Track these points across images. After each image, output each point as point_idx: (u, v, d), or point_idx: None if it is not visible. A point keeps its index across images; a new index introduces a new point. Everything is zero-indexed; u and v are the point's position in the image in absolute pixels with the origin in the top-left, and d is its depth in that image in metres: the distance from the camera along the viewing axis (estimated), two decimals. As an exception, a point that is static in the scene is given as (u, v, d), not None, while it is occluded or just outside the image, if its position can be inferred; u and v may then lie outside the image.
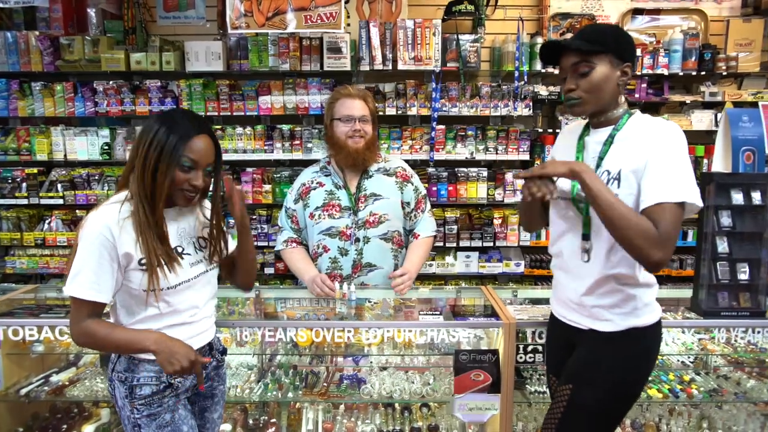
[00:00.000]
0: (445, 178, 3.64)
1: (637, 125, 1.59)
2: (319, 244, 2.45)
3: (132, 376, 1.59)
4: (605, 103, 1.59)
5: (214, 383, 1.80)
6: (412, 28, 3.46)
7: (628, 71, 1.57)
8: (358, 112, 2.38)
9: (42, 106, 3.60)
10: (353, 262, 2.42)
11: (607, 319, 1.64)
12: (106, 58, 3.48)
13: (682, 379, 2.45)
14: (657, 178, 1.48)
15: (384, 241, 2.44)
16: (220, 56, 3.51)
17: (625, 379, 1.64)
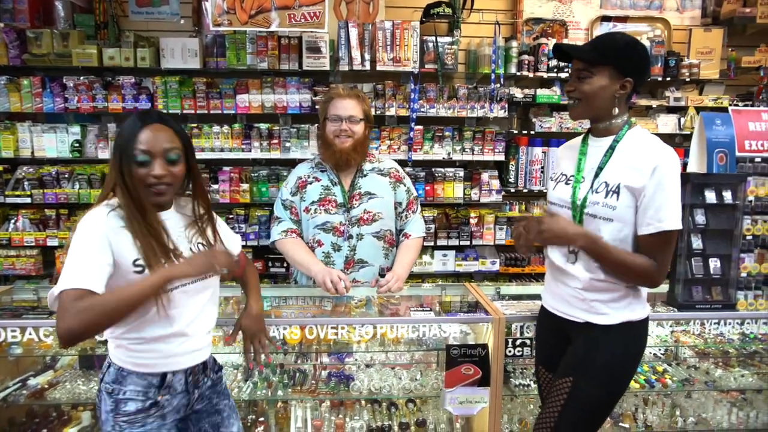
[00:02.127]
0: (422, 177, 3.69)
1: (638, 141, 1.67)
2: (314, 238, 2.46)
3: (119, 388, 1.53)
4: (599, 111, 1.68)
5: (214, 399, 1.75)
6: (391, 29, 3.50)
7: (627, 86, 1.64)
8: (346, 113, 2.40)
9: (7, 101, 3.47)
10: (345, 258, 2.44)
11: (604, 312, 1.71)
12: (78, 53, 3.39)
13: (656, 370, 2.57)
14: (658, 208, 1.59)
15: (377, 239, 2.47)
16: (196, 53, 3.46)
17: (620, 369, 1.72)
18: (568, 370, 1.77)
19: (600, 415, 1.78)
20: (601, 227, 1.66)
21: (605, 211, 1.65)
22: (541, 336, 2.00)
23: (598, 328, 1.72)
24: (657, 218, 1.60)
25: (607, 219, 1.65)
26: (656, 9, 4.01)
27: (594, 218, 1.67)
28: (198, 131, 3.55)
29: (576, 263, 1.73)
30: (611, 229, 1.65)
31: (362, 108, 2.44)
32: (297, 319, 2.17)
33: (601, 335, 1.72)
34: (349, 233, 2.44)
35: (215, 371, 1.75)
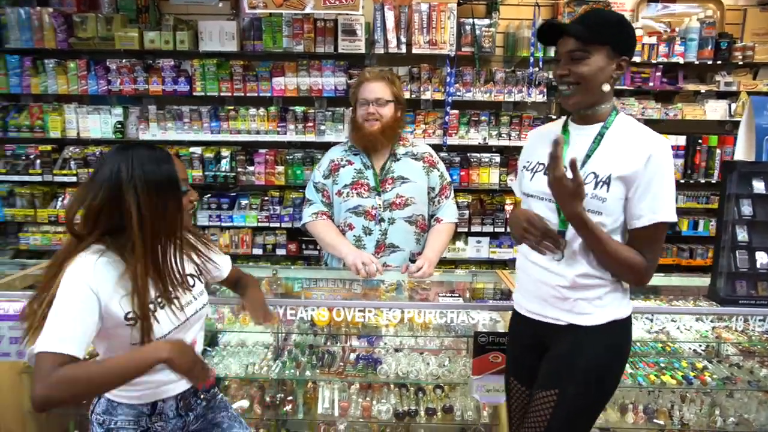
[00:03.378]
0: (457, 163, 3.64)
1: (627, 129, 1.56)
2: (345, 221, 2.46)
3: (110, 419, 1.49)
4: (596, 94, 1.55)
5: (210, 415, 1.70)
6: (428, 11, 3.44)
7: (623, 65, 1.54)
8: (372, 95, 2.38)
9: (55, 84, 3.58)
10: (377, 242, 2.44)
11: (588, 312, 1.59)
12: (120, 36, 3.46)
13: (695, 367, 2.48)
14: (653, 199, 1.49)
15: (408, 224, 2.46)
16: (233, 36, 3.49)
17: (608, 371, 1.62)
18: (552, 380, 1.63)
19: (590, 421, 1.67)
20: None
21: (594, 204, 1.52)
22: (514, 345, 1.84)
23: (582, 330, 1.59)
24: (652, 209, 1.49)
25: (596, 212, 1.53)
26: (709, -12, 3.80)
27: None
28: (235, 113, 3.59)
29: (561, 260, 1.59)
30: (600, 222, 1.53)
31: (391, 90, 2.41)
32: (325, 300, 2.19)
33: (586, 338, 1.59)
34: (381, 217, 2.43)
35: (207, 391, 1.69)
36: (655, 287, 2.51)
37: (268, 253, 3.73)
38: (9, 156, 3.68)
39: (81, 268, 1.35)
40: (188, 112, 3.59)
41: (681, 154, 3.66)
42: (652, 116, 3.62)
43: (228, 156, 3.63)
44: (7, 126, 3.65)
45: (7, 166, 3.66)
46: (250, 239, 3.71)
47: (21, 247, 3.72)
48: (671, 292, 2.44)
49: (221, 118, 3.60)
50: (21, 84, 3.60)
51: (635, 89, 3.65)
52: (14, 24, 3.53)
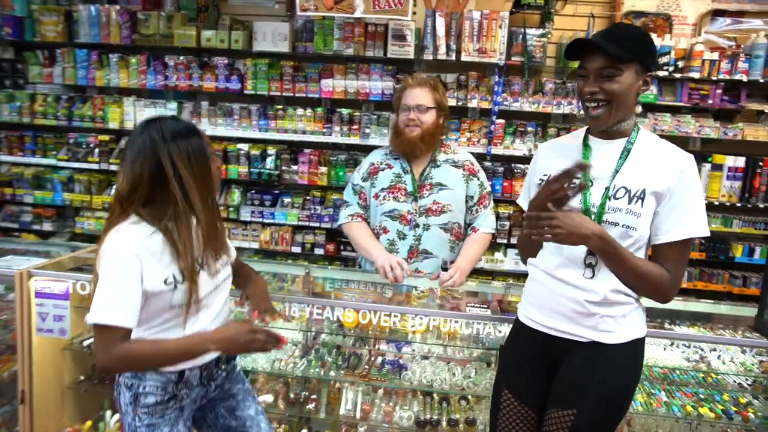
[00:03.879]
0: (500, 173, 3.59)
1: (653, 144, 1.55)
2: (380, 225, 2.48)
3: (138, 383, 1.57)
4: (624, 110, 1.52)
5: (226, 386, 1.79)
6: (479, 19, 3.41)
7: (649, 81, 1.52)
8: (414, 101, 2.40)
9: (117, 77, 3.76)
10: (410, 247, 2.44)
11: (611, 330, 1.56)
12: (179, 34, 3.60)
13: (738, 402, 2.34)
14: (683, 214, 1.47)
15: (444, 231, 2.46)
16: (286, 37, 3.56)
17: (625, 391, 1.60)
18: (570, 399, 1.58)
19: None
20: (621, 236, 1.51)
21: (628, 219, 1.50)
22: (515, 357, 1.78)
23: (603, 348, 1.55)
24: (682, 224, 1.46)
25: (631, 227, 1.50)
26: (781, 3, 3.60)
27: (615, 226, 1.51)
28: (282, 113, 3.67)
29: (594, 277, 1.55)
30: (633, 237, 1.51)
31: (434, 96, 2.41)
32: (351, 302, 2.20)
33: (605, 356, 1.55)
34: (416, 222, 2.43)
35: (228, 362, 1.78)
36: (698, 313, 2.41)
37: (306, 252, 3.78)
38: (71, 144, 3.89)
39: (121, 237, 1.46)
40: (238, 110, 3.70)
41: (739, 176, 3.48)
42: (709, 135, 3.45)
43: (273, 154, 3.71)
44: (72, 115, 3.86)
45: (68, 154, 3.87)
46: (290, 237, 3.78)
47: (77, 231, 3.93)
48: (716, 320, 2.34)
49: (269, 116, 3.68)
50: (87, 76, 3.80)
51: (692, 106, 3.49)
52: (84, 20, 3.73)
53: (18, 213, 4.02)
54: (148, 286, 1.47)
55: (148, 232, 1.48)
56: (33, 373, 2.25)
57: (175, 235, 1.50)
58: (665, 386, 2.40)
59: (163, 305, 1.52)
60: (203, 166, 1.54)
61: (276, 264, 3.04)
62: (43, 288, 2.20)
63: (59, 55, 3.83)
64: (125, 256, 1.44)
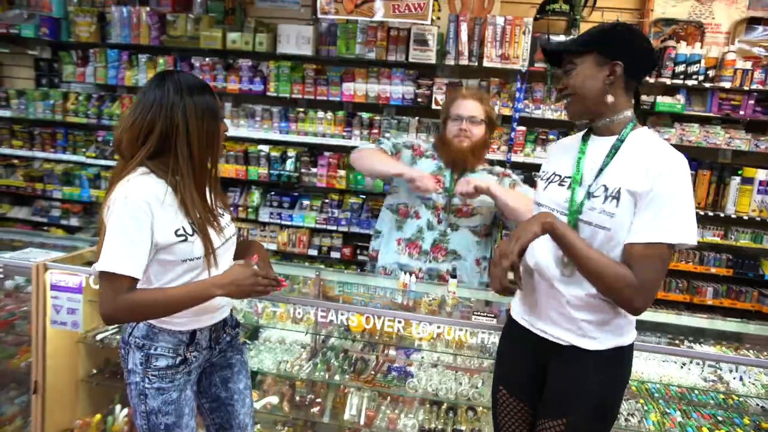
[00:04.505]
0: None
1: (643, 142, 1.48)
2: (413, 207, 2.47)
3: (150, 344, 1.57)
4: (593, 105, 1.50)
5: (228, 353, 1.79)
6: (502, 25, 3.37)
7: (617, 69, 1.45)
8: (467, 113, 2.39)
9: (145, 77, 3.85)
10: (434, 241, 2.44)
11: (593, 336, 1.51)
12: (205, 36, 3.67)
13: (760, 426, 2.24)
14: (657, 215, 1.38)
15: (472, 233, 2.45)
16: (309, 41, 3.59)
17: (613, 399, 1.56)
18: (560, 409, 1.56)
19: None
20: (597, 235, 1.46)
21: (601, 219, 1.44)
22: (509, 353, 1.76)
23: (586, 355, 1.51)
24: (654, 226, 1.37)
25: (604, 227, 1.44)
26: (821, 12, 3.46)
27: (589, 225, 1.47)
28: (303, 115, 3.69)
29: (571, 275, 1.51)
30: (607, 238, 1.44)
31: (485, 109, 2.42)
32: (356, 306, 2.19)
33: (590, 363, 1.51)
34: (446, 219, 2.43)
35: (233, 327, 1.82)
36: (724, 332, 2.32)
37: (323, 255, 3.80)
38: (100, 142, 4.00)
39: (132, 187, 1.43)
40: (260, 111, 3.74)
41: (772, 191, 3.35)
42: (740, 147, 3.33)
43: (293, 156, 3.74)
44: (102, 114, 3.97)
45: (96, 151, 3.98)
46: (307, 239, 3.80)
47: (102, 226, 4.03)
48: (741, 339, 2.25)
49: (290, 119, 3.72)
50: (117, 76, 3.91)
51: (723, 117, 3.38)
52: (116, 21, 3.84)
53: (48, 208, 4.15)
54: (159, 237, 1.46)
55: (157, 183, 1.47)
56: (47, 365, 2.31)
57: (182, 188, 1.49)
58: (681, 406, 2.31)
59: (174, 260, 1.51)
60: (213, 125, 1.54)
61: (289, 266, 3.06)
62: (59, 281, 2.26)
63: (92, 55, 3.96)
64: (136, 205, 1.41)
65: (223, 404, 1.79)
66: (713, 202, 3.42)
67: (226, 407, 1.80)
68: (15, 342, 2.58)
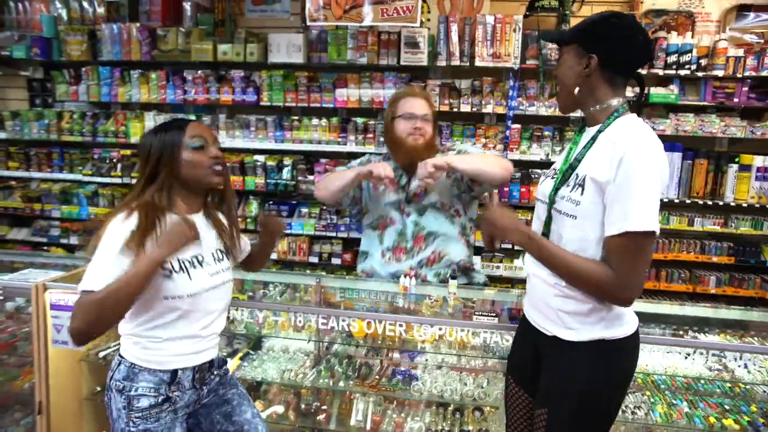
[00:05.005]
0: (518, 178, 3.53)
1: (618, 131, 1.45)
2: (386, 216, 2.49)
3: (130, 385, 1.57)
4: (571, 94, 1.53)
5: (221, 391, 1.79)
6: (492, 23, 3.38)
7: (592, 63, 1.45)
8: (421, 111, 2.38)
9: (138, 93, 3.86)
10: (413, 234, 2.45)
11: (572, 327, 1.51)
12: (196, 49, 3.68)
13: (767, 413, 2.23)
14: (623, 205, 1.36)
15: (436, 210, 2.45)
16: (300, 48, 3.60)
17: (599, 396, 1.52)
18: (543, 399, 1.58)
19: None
20: (566, 224, 1.47)
21: (568, 207, 1.46)
22: (517, 345, 1.82)
23: (567, 346, 1.51)
24: (622, 217, 1.36)
25: (570, 215, 1.45)
26: (811, -4, 3.45)
27: (559, 214, 1.49)
28: (298, 123, 3.69)
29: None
30: (575, 227, 1.45)
31: (432, 108, 2.45)
32: (357, 312, 2.18)
33: (571, 355, 1.51)
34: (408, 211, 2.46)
35: (220, 367, 1.80)
36: (726, 320, 2.31)
37: (323, 262, 3.79)
38: (96, 159, 4.00)
39: (119, 221, 1.51)
40: (255, 121, 3.75)
41: (768, 177, 3.34)
42: (735, 134, 3.32)
43: (290, 165, 3.74)
44: (96, 131, 3.97)
45: (93, 169, 3.98)
46: (307, 247, 3.79)
47: (101, 243, 4.02)
48: (745, 327, 2.24)
49: (285, 127, 3.72)
50: (110, 93, 3.92)
51: (717, 105, 3.37)
52: (107, 38, 3.85)
53: (47, 228, 4.15)
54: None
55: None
56: (50, 385, 2.30)
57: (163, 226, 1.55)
58: (687, 396, 2.30)
59: (156, 296, 1.54)
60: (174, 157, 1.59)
61: (290, 274, 3.05)
62: (59, 300, 2.25)
63: (84, 73, 3.96)
64: (120, 235, 1.48)
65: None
66: (712, 190, 3.41)
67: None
68: (17, 363, 2.57)
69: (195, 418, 1.76)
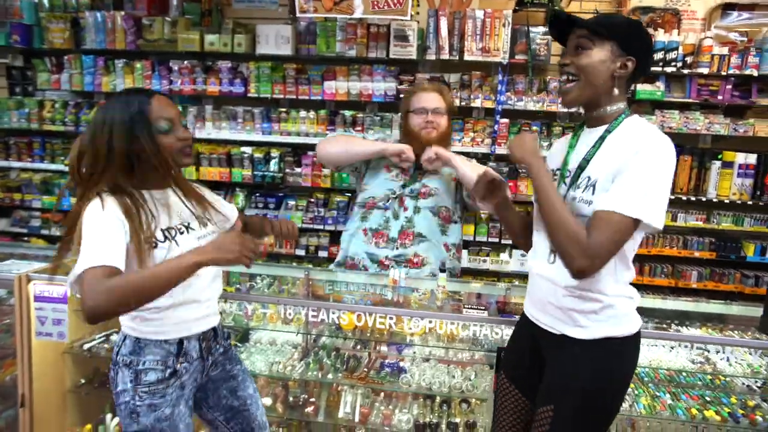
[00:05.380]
0: (505, 173, 3.55)
1: (629, 130, 1.47)
2: (381, 198, 2.51)
3: (137, 359, 1.55)
4: (596, 91, 1.47)
5: (228, 366, 1.79)
6: (482, 18, 3.38)
7: (629, 65, 1.45)
8: (431, 104, 2.43)
9: (123, 83, 3.80)
10: (401, 228, 2.48)
11: (582, 325, 1.51)
12: (183, 39, 3.62)
13: (746, 404, 2.28)
14: (621, 186, 1.38)
15: (432, 215, 2.49)
16: (289, 40, 3.57)
17: (605, 393, 1.53)
18: (549, 396, 1.57)
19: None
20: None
21: (581, 207, 1.47)
22: (515, 343, 1.80)
23: (575, 344, 1.52)
24: (618, 195, 1.37)
25: (583, 215, 1.45)
26: (794, -4, 3.51)
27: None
28: (286, 115, 3.67)
29: (555, 262, 1.52)
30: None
31: (446, 101, 2.46)
32: (346, 305, 2.18)
33: (580, 353, 1.52)
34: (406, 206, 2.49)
35: (225, 338, 1.81)
36: (707, 314, 2.36)
37: (310, 255, 3.78)
38: (79, 149, 3.93)
39: (100, 204, 1.43)
40: (242, 113, 3.71)
41: (750, 174, 3.40)
42: (719, 131, 3.38)
43: (277, 157, 3.72)
44: (80, 121, 3.90)
45: (76, 158, 3.91)
46: (294, 240, 3.78)
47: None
48: (725, 320, 2.29)
49: (273, 119, 3.69)
50: (94, 82, 3.85)
51: (701, 102, 3.42)
52: (91, 26, 3.78)
53: (27, 218, 4.08)
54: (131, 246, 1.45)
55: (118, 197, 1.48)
56: (33, 377, 2.26)
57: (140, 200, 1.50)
58: (670, 389, 2.34)
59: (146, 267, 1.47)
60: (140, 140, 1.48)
61: (277, 266, 3.04)
62: (42, 292, 2.22)
63: (66, 62, 3.88)
64: (106, 215, 1.41)
65: (239, 411, 1.81)
66: (695, 186, 3.47)
67: (242, 413, 1.82)
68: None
69: (203, 392, 1.77)
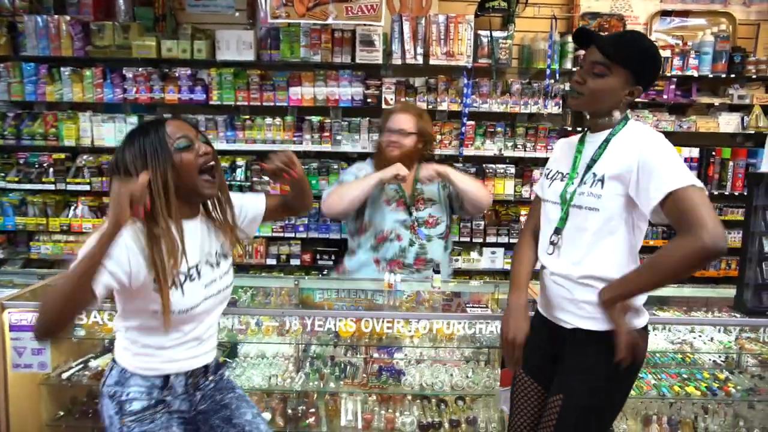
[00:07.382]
0: (473, 173, 3.64)
1: (633, 132, 1.58)
2: (394, 232, 2.54)
3: (121, 390, 1.51)
4: (602, 110, 1.60)
5: (218, 396, 1.71)
6: (445, 23, 3.46)
7: (636, 93, 1.57)
8: (397, 125, 2.52)
9: (71, 92, 3.58)
10: (416, 255, 2.55)
11: (594, 316, 1.59)
12: (138, 45, 3.47)
13: (717, 378, 2.47)
14: (653, 178, 1.45)
15: (439, 239, 2.61)
16: (251, 45, 3.49)
17: (615, 383, 1.61)
18: (560, 385, 1.65)
19: (600, 429, 1.68)
20: (588, 218, 1.58)
21: (590, 201, 1.57)
22: (532, 340, 1.78)
23: (588, 336, 1.60)
24: (656, 186, 1.44)
25: (593, 209, 1.56)
26: (720, 2, 3.84)
27: (579, 209, 1.60)
28: (251, 123, 3.59)
29: (559, 256, 1.64)
30: (598, 219, 1.56)
31: (417, 123, 2.52)
32: (340, 311, 2.18)
33: (591, 344, 1.60)
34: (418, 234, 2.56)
35: (215, 372, 1.71)
36: (675, 298, 2.52)
37: (281, 264, 3.72)
38: (22, 164, 3.67)
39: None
40: (204, 121, 3.59)
41: (695, 167, 3.68)
42: (666, 128, 3.63)
43: (243, 165, 3.63)
44: (21, 134, 3.64)
45: (19, 175, 3.64)
46: (264, 249, 3.70)
47: (32, 257, 3.70)
48: (694, 303, 2.44)
49: (237, 127, 3.60)
50: (36, 92, 3.59)
51: (649, 101, 3.67)
52: (31, 31, 3.53)
53: (-34, 240, 3.75)
54: (135, 283, 1.39)
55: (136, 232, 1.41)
56: (9, 411, 2.10)
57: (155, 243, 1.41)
58: (650, 370, 2.50)
59: (145, 307, 1.44)
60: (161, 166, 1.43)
61: (263, 278, 2.97)
62: (19, 320, 2.05)
63: (3, 70, 3.60)
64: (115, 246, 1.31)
65: None
66: (646, 180, 3.71)
67: None
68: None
69: (193, 424, 1.67)
